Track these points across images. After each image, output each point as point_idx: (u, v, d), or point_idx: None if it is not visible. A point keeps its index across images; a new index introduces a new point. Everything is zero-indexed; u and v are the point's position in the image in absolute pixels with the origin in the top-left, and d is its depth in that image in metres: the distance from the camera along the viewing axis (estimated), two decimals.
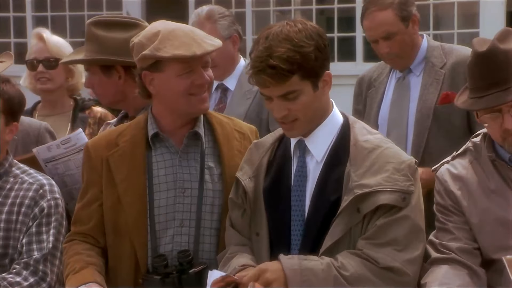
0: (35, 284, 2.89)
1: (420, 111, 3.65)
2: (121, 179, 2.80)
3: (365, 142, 2.53)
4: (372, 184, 2.44)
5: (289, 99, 2.46)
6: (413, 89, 3.73)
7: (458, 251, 2.56)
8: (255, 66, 2.44)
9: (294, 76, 2.43)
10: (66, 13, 9.36)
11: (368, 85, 3.88)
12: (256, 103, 3.85)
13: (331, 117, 2.58)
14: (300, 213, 2.54)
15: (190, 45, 2.72)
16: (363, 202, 2.45)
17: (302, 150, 2.58)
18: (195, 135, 2.83)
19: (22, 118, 3.48)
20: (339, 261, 2.42)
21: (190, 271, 2.68)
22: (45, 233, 2.95)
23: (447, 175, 2.65)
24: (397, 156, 2.52)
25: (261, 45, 2.44)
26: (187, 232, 2.78)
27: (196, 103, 2.78)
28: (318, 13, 8.94)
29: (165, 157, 2.83)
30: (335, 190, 2.49)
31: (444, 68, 3.66)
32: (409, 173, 2.48)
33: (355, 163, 2.49)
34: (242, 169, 2.69)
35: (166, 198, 2.79)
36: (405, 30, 3.66)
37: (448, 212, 2.63)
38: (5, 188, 3.01)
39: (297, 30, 2.45)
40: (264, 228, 2.59)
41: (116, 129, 2.98)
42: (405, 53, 3.69)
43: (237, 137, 2.87)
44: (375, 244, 2.44)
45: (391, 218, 2.44)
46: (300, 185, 2.56)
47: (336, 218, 2.46)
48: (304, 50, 2.42)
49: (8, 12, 9.54)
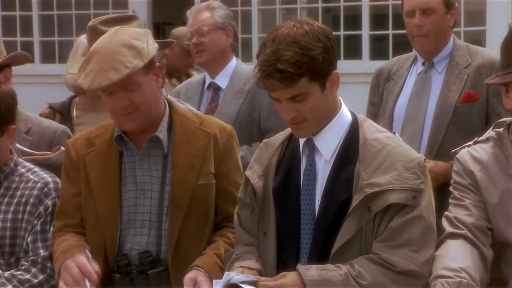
0: (44, 281, 2.91)
1: (440, 107, 3.63)
2: (94, 176, 2.86)
3: (374, 141, 2.52)
4: (382, 183, 2.44)
5: (297, 101, 2.46)
6: (434, 85, 3.70)
7: (472, 227, 2.55)
8: (263, 70, 2.42)
9: (302, 79, 2.41)
10: (72, 11, 9.35)
11: (387, 77, 3.86)
12: (248, 102, 3.85)
13: (339, 116, 2.57)
14: (310, 211, 2.54)
15: (99, 72, 2.70)
16: (373, 201, 2.44)
17: (311, 149, 2.58)
18: (156, 138, 2.84)
19: (42, 120, 3.49)
20: (356, 270, 2.40)
21: (150, 272, 2.75)
22: (50, 231, 2.96)
23: (467, 156, 2.65)
24: (407, 155, 2.51)
25: (268, 48, 2.42)
26: (147, 233, 2.83)
27: (122, 122, 2.81)
28: (324, 11, 8.91)
29: (129, 159, 2.88)
30: (345, 189, 2.48)
31: (469, 68, 3.64)
32: (419, 171, 2.48)
33: (364, 162, 2.49)
34: (251, 167, 2.68)
35: (128, 199, 2.85)
36: (444, 15, 3.66)
37: (466, 189, 2.62)
38: (11, 188, 3.02)
39: (304, 32, 2.42)
40: (272, 227, 2.58)
41: (96, 129, 3.01)
42: (434, 37, 3.67)
43: (199, 136, 2.86)
44: (391, 247, 2.43)
45: (404, 219, 2.43)
46: (309, 184, 2.56)
47: (347, 217, 2.45)
48: (311, 52, 2.41)
49: (14, 11, 9.54)
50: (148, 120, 2.83)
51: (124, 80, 2.71)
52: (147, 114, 2.81)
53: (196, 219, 2.84)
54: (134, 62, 2.71)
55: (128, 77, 2.70)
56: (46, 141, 3.42)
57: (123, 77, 2.69)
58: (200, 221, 2.85)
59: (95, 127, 3.06)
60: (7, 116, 2.98)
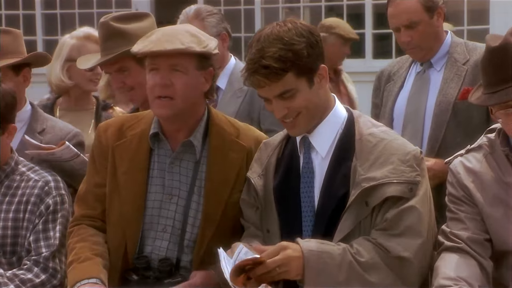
0: (46, 281, 2.91)
1: (439, 105, 3.62)
2: (122, 171, 2.81)
3: (370, 136, 2.55)
4: (378, 176, 2.48)
5: (286, 98, 2.49)
6: (433, 83, 3.69)
7: (469, 241, 2.55)
8: (249, 68, 2.47)
9: (288, 74, 2.45)
10: (75, 10, 9.36)
11: (387, 78, 3.86)
12: (247, 102, 3.84)
13: (333, 113, 2.60)
14: (310, 208, 2.57)
15: (154, 41, 2.71)
16: (370, 195, 2.48)
17: (307, 146, 2.60)
18: (190, 144, 2.80)
19: (57, 122, 3.49)
20: (354, 248, 2.45)
21: (166, 281, 2.70)
22: (52, 230, 2.97)
23: (460, 168, 2.64)
24: (402, 148, 2.54)
25: (254, 48, 2.47)
26: (168, 238, 2.78)
27: (155, 106, 2.75)
28: (327, 10, 8.91)
29: (160, 159, 2.82)
30: (343, 185, 2.52)
31: (467, 65, 3.63)
32: (415, 163, 2.51)
33: (361, 157, 2.52)
34: (251, 168, 2.71)
35: (153, 201, 2.80)
36: (429, 21, 3.63)
37: (460, 202, 2.62)
38: (12, 187, 3.02)
39: (287, 29, 2.48)
40: (275, 225, 2.61)
41: (128, 118, 2.96)
42: (427, 44, 3.66)
43: (235, 149, 2.81)
44: (389, 235, 2.47)
45: (400, 209, 2.47)
46: (308, 182, 2.59)
47: (345, 212, 2.49)
48: (295, 47, 2.45)
49: (17, 10, 9.56)
50: (182, 116, 2.77)
51: (175, 54, 2.68)
52: (180, 107, 2.73)
53: (226, 234, 2.75)
54: (191, 44, 2.70)
55: (180, 52, 2.68)
56: (55, 142, 3.40)
57: (175, 50, 2.67)
58: (228, 236, 2.75)
59: (129, 115, 3.03)
60: (8, 115, 2.98)
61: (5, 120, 2.97)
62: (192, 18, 3.93)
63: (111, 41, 3.27)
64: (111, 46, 3.26)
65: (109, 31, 3.28)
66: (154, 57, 2.72)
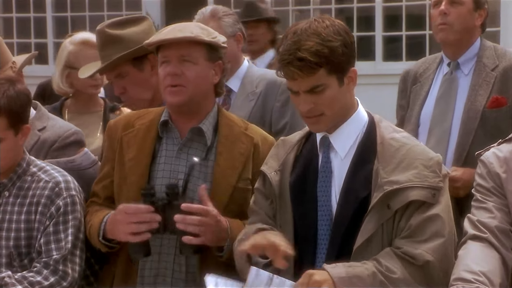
0: (56, 283, 2.90)
1: (468, 112, 3.59)
2: (129, 158, 2.89)
3: (392, 140, 2.57)
4: (402, 180, 2.49)
5: (315, 92, 2.50)
6: (461, 87, 3.66)
7: (496, 230, 2.53)
8: (284, 59, 2.49)
9: (321, 69, 2.47)
10: (86, 13, 9.39)
11: (413, 80, 3.82)
12: (260, 105, 3.84)
13: (356, 115, 2.62)
14: (326, 208, 2.57)
15: (165, 32, 2.84)
16: (393, 199, 2.49)
17: (327, 146, 2.62)
18: (200, 131, 2.87)
19: (59, 120, 3.50)
20: (383, 265, 2.44)
21: (174, 202, 2.74)
22: (63, 232, 2.95)
23: (493, 158, 2.62)
24: (425, 153, 2.57)
25: (290, 40, 2.49)
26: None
27: (167, 94, 2.86)
28: (337, 13, 8.91)
29: (168, 147, 2.90)
30: (364, 187, 2.53)
31: (496, 71, 3.60)
32: (437, 169, 2.54)
33: (383, 160, 2.53)
34: (267, 163, 2.72)
35: (160, 185, 2.84)
36: (471, 11, 3.65)
37: (489, 193, 2.60)
38: (24, 188, 3.01)
39: (325, 25, 2.50)
40: (289, 222, 2.62)
41: (139, 111, 3.07)
42: (458, 29, 3.64)
43: (243, 140, 2.89)
44: (414, 241, 2.48)
45: (425, 216, 2.49)
46: (325, 181, 2.60)
47: (367, 215, 2.50)
48: (331, 44, 2.48)
49: (28, 13, 9.59)
50: (192, 106, 2.87)
51: (184, 45, 2.80)
52: (191, 94, 2.84)
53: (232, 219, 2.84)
54: (199, 34, 2.83)
55: (189, 41, 2.80)
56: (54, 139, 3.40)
57: (184, 37, 2.79)
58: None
59: (137, 111, 3.11)
60: (22, 114, 2.97)
61: (19, 120, 2.96)
62: (208, 17, 3.96)
63: (107, 48, 3.31)
64: (109, 53, 3.30)
65: (105, 38, 3.31)
66: (164, 50, 2.84)
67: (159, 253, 2.85)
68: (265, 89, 3.81)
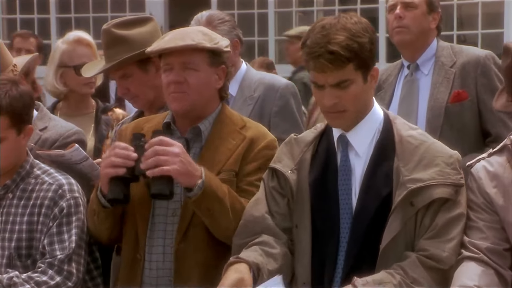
0: (61, 283, 2.91)
1: (431, 110, 3.64)
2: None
3: (410, 138, 2.60)
4: (425, 178, 2.51)
5: (341, 87, 2.52)
6: (422, 87, 3.73)
7: (487, 251, 2.53)
8: (314, 51, 2.50)
9: (350, 64, 2.50)
10: (90, 14, 9.41)
11: (378, 87, 3.83)
12: (258, 109, 3.82)
13: (372, 112, 2.64)
14: (347, 206, 2.58)
15: (167, 40, 2.82)
16: (416, 196, 2.50)
17: (345, 145, 2.63)
18: (198, 130, 2.89)
19: (61, 122, 3.51)
20: (410, 276, 2.45)
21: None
22: (67, 233, 2.97)
23: (482, 173, 2.62)
24: (445, 151, 2.60)
25: (318, 33, 2.51)
26: (177, 221, 2.83)
27: (171, 100, 2.87)
28: None
29: None
30: (385, 185, 2.55)
31: (454, 67, 3.67)
32: (458, 166, 2.57)
33: (403, 158, 2.55)
34: (280, 161, 2.72)
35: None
36: (425, 14, 3.72)
37: (480, 209, 2.60)
38: (27, 190, 3.02)
39: (354, 22, 2.54)
40: (307, 221, 2.61)
41: (148, 117, 3.11)
42: (414, 31, 3.71)
43: (234, 137, 2.88)
44: (440, 242, 2.50)
45: (450, 216, 2.52)
46: (345, 179, 2.61)
47: (391, 213, 2.51)
48: (361, 40, 2.51)
49: (32, 14, 9.61)
50: (196, 112, 2.88)
51: (186, 52, 2.80)
52: (195, 100, 2.85)
53: None
54: (201, 40, 2.82)
55: (191, 49, 2.80)
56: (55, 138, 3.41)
57: (186, 45, 2.79)
58: None
59: (149, 116, 3.14)
60: (25, 115, 2.99)
61: (22, 120, 2.97)
62: (203, 25, 3.92)
63: (113, 48, 3.30)
64: (114, 53, 3.30)
65: (111, 38, 3.31)
66: (167, 57, 2.83)
67: (163, 253, 2.85)
68: (263, 93, 3.80)
